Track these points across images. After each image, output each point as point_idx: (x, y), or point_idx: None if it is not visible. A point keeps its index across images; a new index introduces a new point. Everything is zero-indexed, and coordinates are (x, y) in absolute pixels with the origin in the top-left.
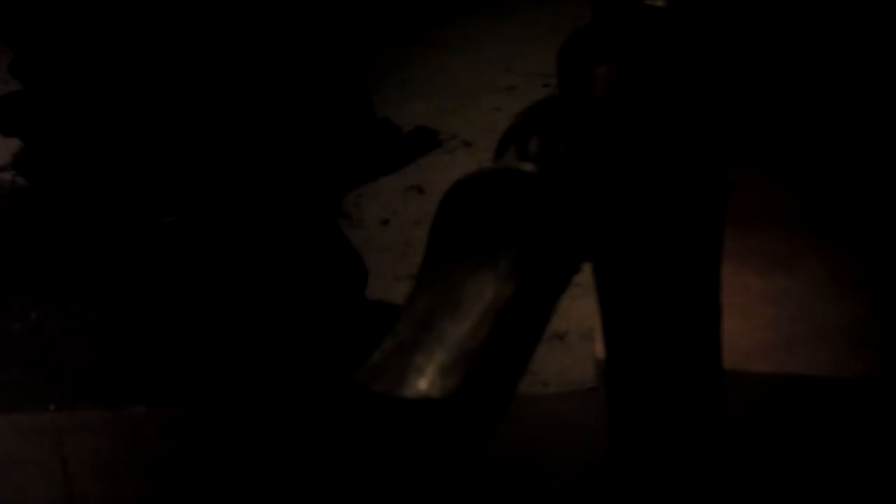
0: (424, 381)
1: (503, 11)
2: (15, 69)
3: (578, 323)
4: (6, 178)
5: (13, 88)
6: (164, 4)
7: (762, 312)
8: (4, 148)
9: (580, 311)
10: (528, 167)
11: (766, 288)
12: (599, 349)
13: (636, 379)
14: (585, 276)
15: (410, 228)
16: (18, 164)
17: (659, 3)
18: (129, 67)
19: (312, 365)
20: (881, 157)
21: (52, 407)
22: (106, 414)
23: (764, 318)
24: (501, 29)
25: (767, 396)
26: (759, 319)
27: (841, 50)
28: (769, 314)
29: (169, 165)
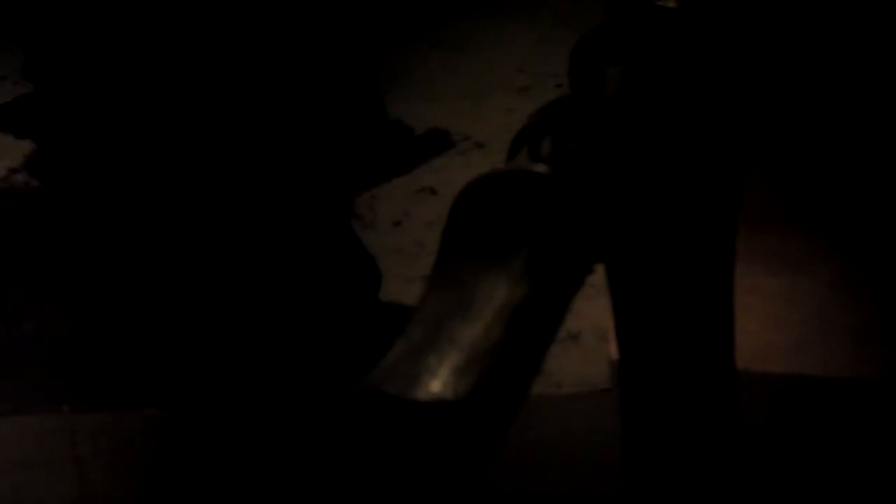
0: (437, 382)
1: (516, 12)
2: (27, 71)
3: (592, 323)
4: (19, 179)
5: (25, 91)
6: (175, 6)
7: (774, 313)
8: (17, 150)
9: (594, 311)
10: (540, 168)
11: (778, 288)
12: (613, 350)
13: (650, 379)
14: (599, 276)
15: (423, 230)
16: (30, 166)
17: (670, 3)
18: (140, 69)
19: (324, 367)
20: (894, 159)
21: (65, 408)
22: (119, 416)
23: (776, 318)
24: (514, 30)
25: (779, 396)
26: (771, 320)
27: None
28: (781, 315)
29: (179, 166)
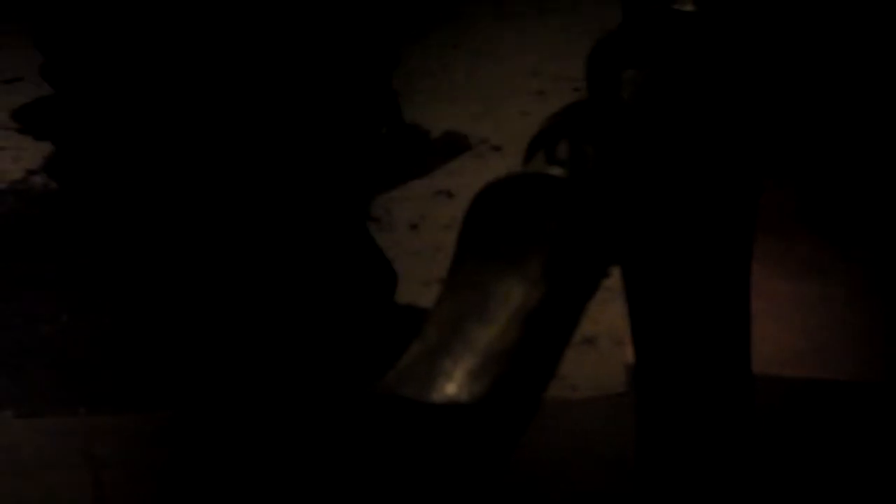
0: (452, 385)
1: (532, 16)
2: (46, 73)
3: (609, 327)
4: (37, 181)
5: (45, 92)
6: (193, 8)
7: (792, 317)
8: (36, 151)
9: (610, 315)
10: (556, 171)
11: (796, 293)
12: (629, 354)
13: (665, 383)
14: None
15: (440, 232)
16: (50, 168)
17: (688, 7)
18: (158, 70)
19: (339, 370)
20: None
21: (81, 410)
22: (135, 418)
23: (794, 323)
24: (531, 33)
25: (796, 401)
26: (788, 324)
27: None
28: (799, 319)
29: (195, 166)
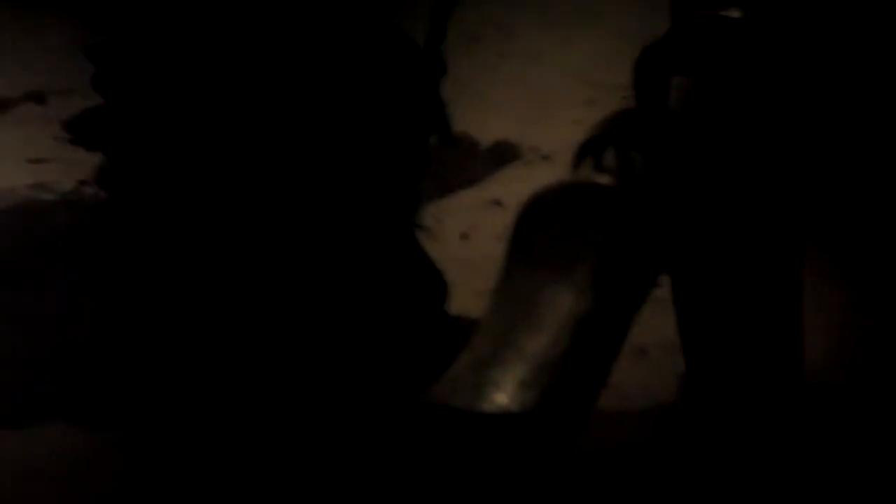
0: (503, 394)
1: (580, 24)
2: (97, 83)
3: (661, 337)
4: (88, 192)
5: (96, 103)
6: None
7: (842, 326)
8: (87, 162)
9: (662, 325)
10: (604, 179)
11: (846, 301)
12: (682, 363)
13: (717, 393)
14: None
15: (490, 242)
16: (101, 178)
17: (735, 13)
18: (211, 81)
19: (390, 380)
20: None
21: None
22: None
23: (844, 331)
24: (579, 41)
25: (846, 409)
26: (838, 333)
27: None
28: (849, 327)
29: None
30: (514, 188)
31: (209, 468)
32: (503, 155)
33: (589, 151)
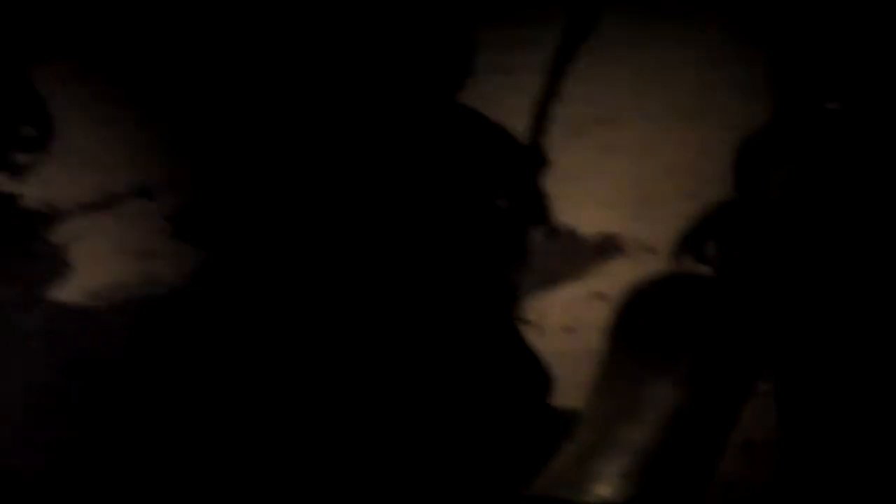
0: (605, 486)
1: (684, 117)
2: (201, 181)
3: (767, 429)
4: (192, 285)
5: (200, 198)
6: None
7: None
8: (191, 257)
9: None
10: (705, 271)
11: None
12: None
13: (818, 485)
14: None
15: (593, 335)
16: (203, 272)
17: (835, 105)
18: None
19: (495, 471)
20: None
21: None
22: None
23: None
24: (683, 133)
25: None
26: None
27: None
28: None
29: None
30: (618, 281)
31: None
32: (607, 247)
33: (690, 243)
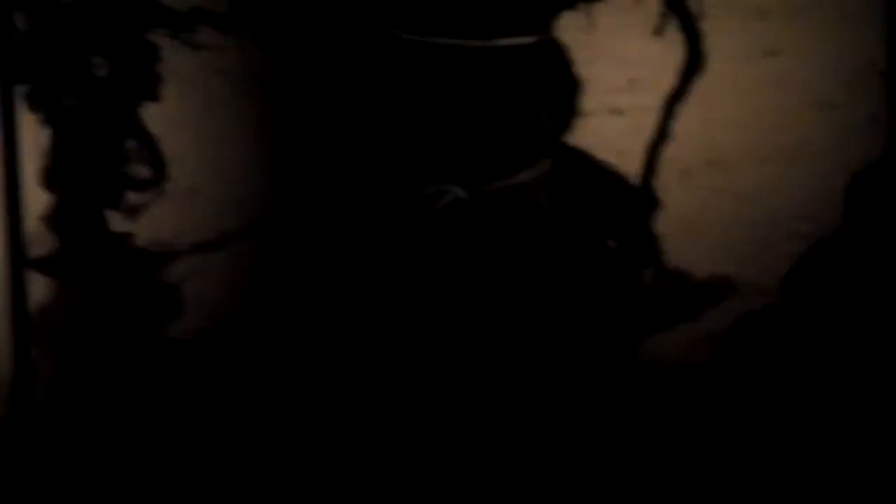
0: None
1: (797, 157)
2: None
3: None
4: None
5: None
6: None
7: None
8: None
9: None
10: (811, 304)
11: None
12: None
13: None
14: None
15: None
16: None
17: None
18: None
19: None
20: None
21: None
22: None
23: None
24: (794, 176)
25: None
26: None
27: None
28: None
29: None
30: (729, 323)
31: None
32: (719, 289)
33: (797, 278)
